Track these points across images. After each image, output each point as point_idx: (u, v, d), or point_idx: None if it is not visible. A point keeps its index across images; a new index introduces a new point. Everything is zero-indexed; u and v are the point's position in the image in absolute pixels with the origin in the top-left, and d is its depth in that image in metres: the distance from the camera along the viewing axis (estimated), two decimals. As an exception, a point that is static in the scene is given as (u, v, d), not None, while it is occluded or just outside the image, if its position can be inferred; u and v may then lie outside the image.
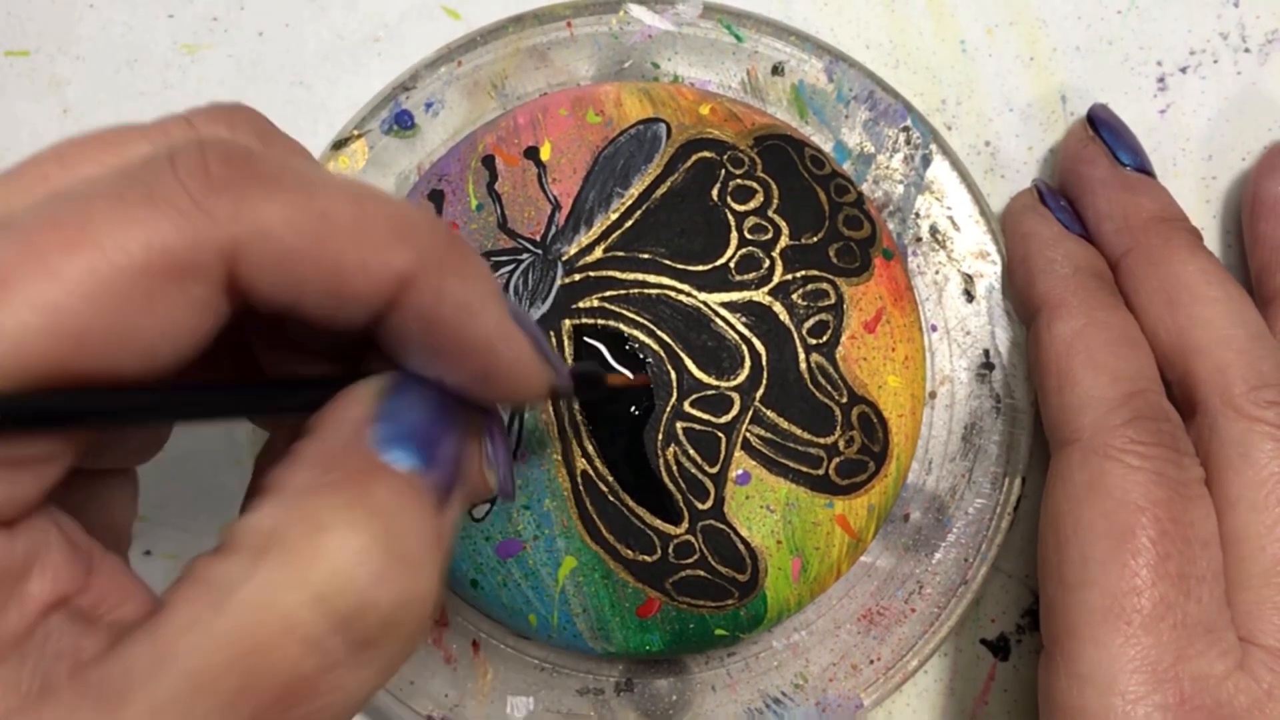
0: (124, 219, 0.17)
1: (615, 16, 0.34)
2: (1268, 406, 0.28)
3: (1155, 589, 0.26)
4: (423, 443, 0.20)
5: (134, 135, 0.20)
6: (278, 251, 0.18)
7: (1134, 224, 0.31)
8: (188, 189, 0.17)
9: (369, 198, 0.19)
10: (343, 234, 0.18)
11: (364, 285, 0.19)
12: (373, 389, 0.20)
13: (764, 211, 0.31)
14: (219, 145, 0.18)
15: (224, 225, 0.17)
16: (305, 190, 0.18)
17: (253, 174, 0.18)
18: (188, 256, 0.17)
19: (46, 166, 0.19)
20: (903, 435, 0.30)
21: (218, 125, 0.20)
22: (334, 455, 0.19)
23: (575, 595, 0.29)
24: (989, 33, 0.35)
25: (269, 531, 0.18)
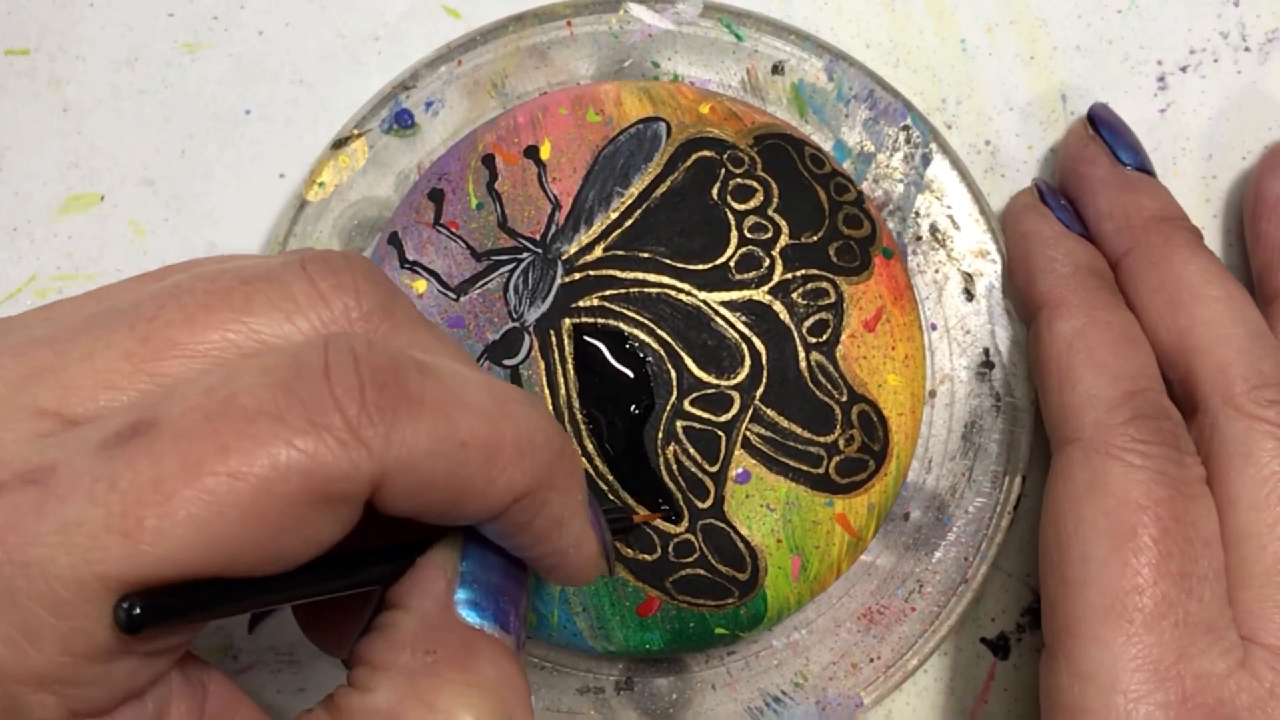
0: (285, 446, 0.17)
1: (615, 15, 0.34)
2: (1268, 405, 0.28)
3: (1157, 588, 0.26)
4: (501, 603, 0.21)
5: (258, 300, 0.20)
6: (418, 481, 0.18)
7: (1134, 223, 0.31)
8: (345, 414, 0.18)
9: (500, 415, 0.19)
10: (476, 461, 0.19)
11: (482, 506, 0.20)
12: (450, 554, 0.21)
13: (764, 210, 0.31)
14: (370, 360, 0.18)
15: (377, 458, 0.18)
16: (448, 416, 0.19)
17: (403, 399, 0.18)
18: (344, 487, 0.18)
19: (174, 331, 0.19)
20: (903, 434, 0.30)
21: (344, 296, 0.20)
22: (432, 630, 0.20)
23: (575, 594, 0.29)
24: (989, 32, 0.35)
25: (387, 712, 0.19)
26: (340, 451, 0.17)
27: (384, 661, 0.19)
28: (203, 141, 0.34)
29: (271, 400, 0.18)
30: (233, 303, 0.19)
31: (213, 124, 0.35)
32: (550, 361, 0.30)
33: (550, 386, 0.30)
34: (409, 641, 0.20)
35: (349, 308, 0.20)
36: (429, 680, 0.19)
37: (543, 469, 0.20)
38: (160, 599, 0.17)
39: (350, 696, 0.19)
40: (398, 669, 0.19)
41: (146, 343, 0.19)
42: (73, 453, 0.17)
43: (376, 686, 0.19)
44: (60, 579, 0.16)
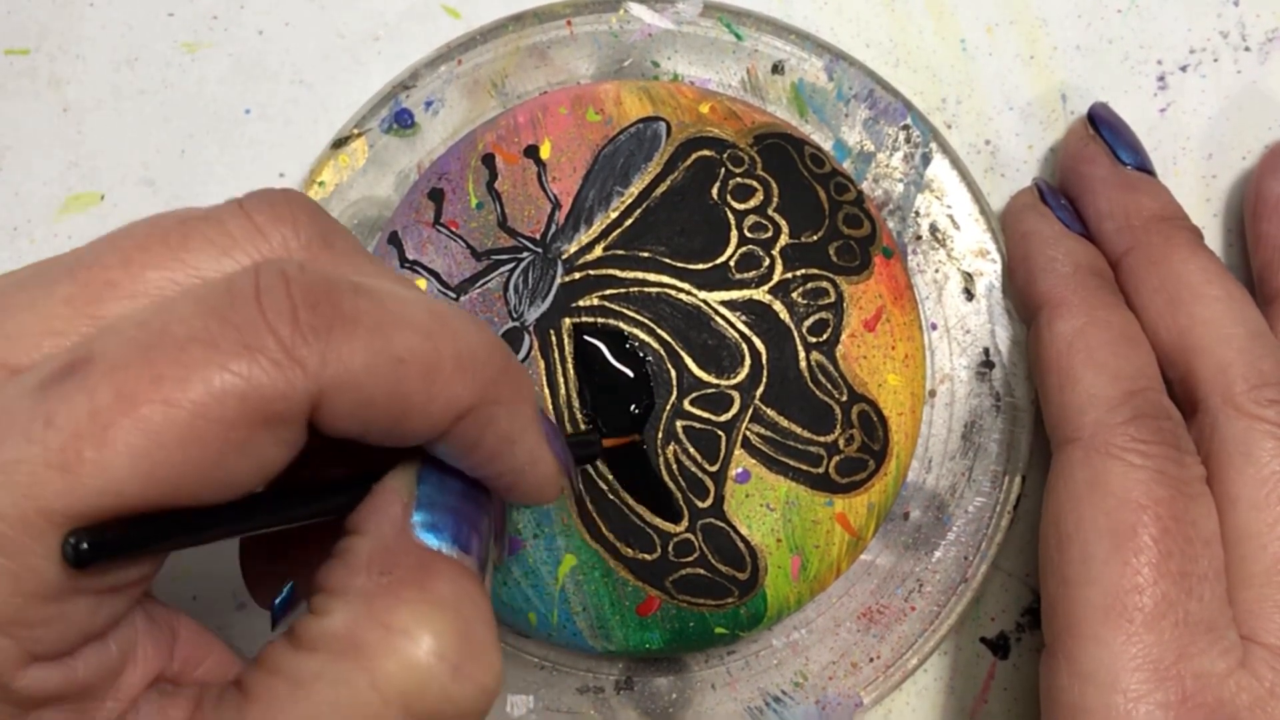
0: (219, 370, 0.17)
1: (615, 15, 0.34)
2: (1268, 405, 0.28)
3: (1157, 587, 0.26)
4: (460, 525, 0.21)
5: (195, 236, 0.20)
6: (357, 398, 0.18)
7: (1135, 223, 0.31)
8: (278, 335, 0.18)
9: (439, 331, 0.20)
10: (415, 377, 0.19)
11: (425, 422, 0.20)
12: (406, 480, 0.21)
13: (764, 210, 0.31)
14: (303, 281, 0.18)
15: (313, 376, 0.18)
16: (383, 332, 0.19)
17: (337, 317, 0.18)
18: (281, 407, 0.18)
19: (112, 273, 0.19)
20: (903, 433, 0.30)
21: (282, 226, 0.20)
22: (389, 552, 0.20)
23: (575, 593, 0.29)
24: (989, 31, 0.35)
25: (345, 634, 0.19)
26: (275, 372, 0.17)
27: (341, 586, 0.19)
28: (203, 141, 0.34)
29: (203, 327, 0.18)
30: (169, 242, 0.20)
31: (213, 124, 0.35)
32: (550, 361, 0.30)
33: (550, 386, 0.30)
34: (365, 564, 0.20)
35: (286, 239, 0.20)
36: (385, 600, 0.19)
37: (486, 384, 0.20)
38: (108, 532, 0.17)
39: (309, 622, 0.19)
40: (354, 592, 0.19)
41: (86, 287, 0.19)
42: (10, 396, 0.18)
43: (334, 610, 0.19)
44: (4, 517, 0.17)
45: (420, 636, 0.19)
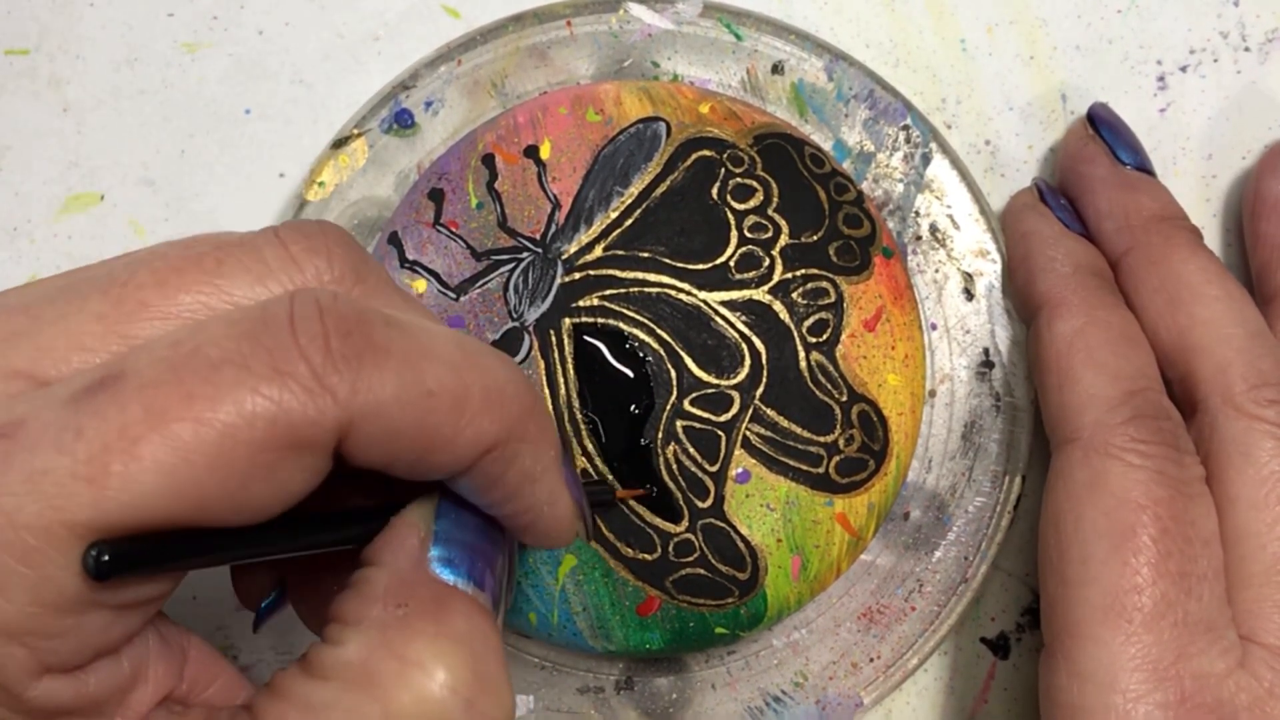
0: (250, 392, 0.17)
1: (615, 15, 0.34)
2: (1268, 405, 0.28)
3: (1156, 587, 0.26)
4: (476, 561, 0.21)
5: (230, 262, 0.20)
6: (385, 429, 0.19)
7: (1134, 223, 0.31)
8: (310, 363, 0.18)
9: (468, 365, 0.20)
10: (443, 410, 0.19)
11: (451, 457, 0.20)
12: (424, 513, 0.21)
13: (764, 210, 0.31)
14: (335, 310, 0.19)
15: (343, 404, 0.18)
16: (414, 365, 0.19)
17: (368, 347, 0.18)
18: (310, 433, 0.18)
19: (146, 293, 0.19)
20: (903, 433, 0.30)
21: (316, 259, 0.21)
22: (405, 585, 0.20)
23: (575, 593, 0.29)
24: (989, 31, 0.35)
25: (359, 664, 0.19)
26: (306, 398, 0.18)
27: (356, 616, 0.19)
28: (203, 141, 0.35)
29: (237, 350, 0.18)
30: (205, 266, 0.20)
31: (213, 124, 0.35)
32: (550, 361, 0.30)
33: (550, 386, 0.30)
34: (381, 596, 0.20)
35: (320, 270, 0.21)
36: (400, 632, 0.19)
37: (512, 421, 0.20)
38: (129, 546, 0.17)
39: (323, 651, 0.19)
40: (369, 622, 0.19)
41: (119, 305, 0.19)
42: (41, 407, 0.18)
43: (348, 640, 0.19)
44: (28, 527, 0.17)
45: (435, 670, 0.19)
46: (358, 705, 0.18)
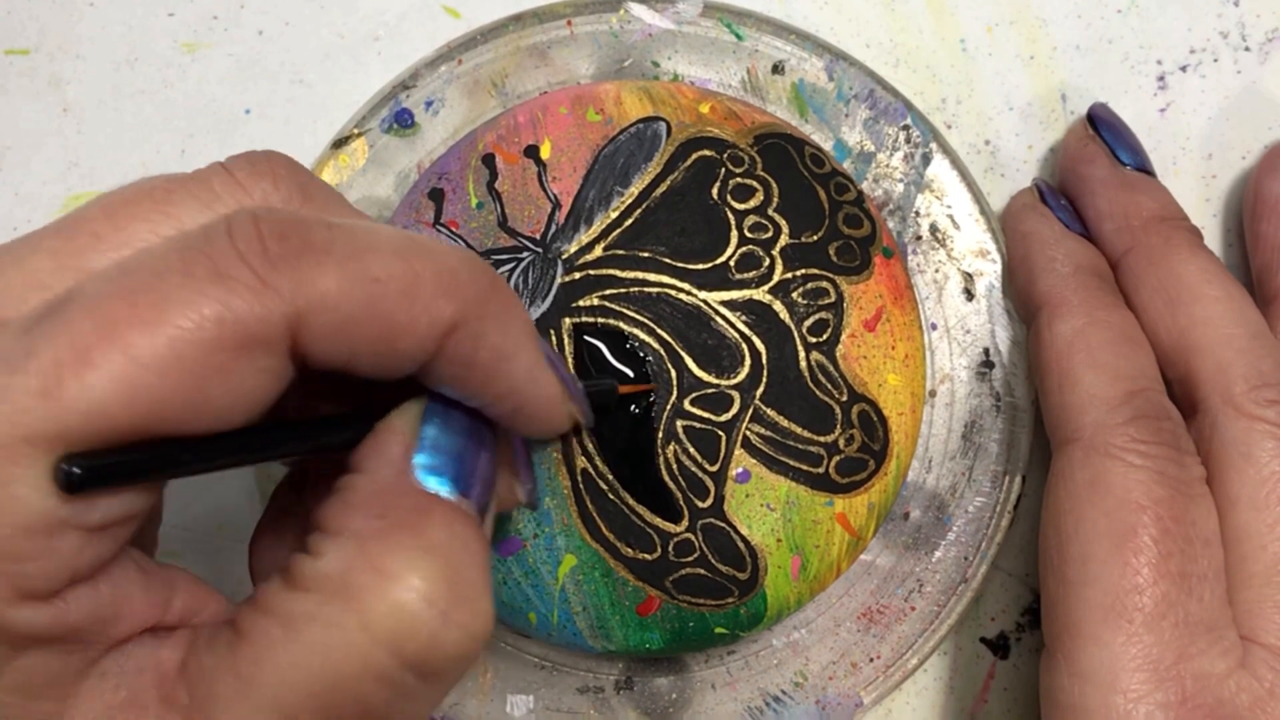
0: (195, 295, 0.18)
1: (615, 15, 0.34)
2: (1268, 405, 0.28)
3: (1157, 587, 0.26)
4: (462, 468, 0.21)
5: (178, 191, 0.20)
6: (336, 319, 0.19)
7: (1134, 223, 0.31)
8: (250, 264, 0.18)
9: (415, 253, 0.20)
10: (394, 295, 0.19)
11: (412, 341, 0.20)
12: (410, 418, 0.21)
13: (764, 210, 0.31)
14: (272, 218, 0.19)
15: (288, 299, 0.18)
16: (357, 256, 0.19)
17: (306, 246, 0.19)
18: (257, 330, 0.18)
19: (97, 225, 0.20)
20: (903, 433, 0.30)
21: (261, 181, 0.21)
22: (386, 494, 0.20)
23: (575, 593, 0.29)
24: (989, 31, 0.35)
25: (338, 575, 0.19)
26: (250, 297, 0.18)
27: (337, 526, 0.20)
28: (203, 141, 0.34)
29: (180, 261, 0.18)
30: (154, 196, 0.20)
31: (213, 124, 0.35)
32: (550, 361, 0.30)
33: (550, 386, 0.30)
34: (361, 505, 0.20)
35: (266, 192, 0.21)
36: (378, 543, 0.19)
37: (470, 300, 0.20)
38: (99, 459, 0.17)
39: (303, 562, 0.19)
40: (349, 533, 0.19)
41: (71, 239, 0.20)
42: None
43: (328, 551, 0.19)
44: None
45: (410, 581, 0.19)
46: (336, 617, 0.18)
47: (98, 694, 0.19)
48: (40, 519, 0.17)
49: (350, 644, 0.18)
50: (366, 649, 0.18)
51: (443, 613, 0.19)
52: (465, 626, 0.19)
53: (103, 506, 0.18)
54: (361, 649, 0.18)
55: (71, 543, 0.18)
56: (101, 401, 0.17)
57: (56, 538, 0.18)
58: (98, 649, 0.19)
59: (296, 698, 0.18)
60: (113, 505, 0.18)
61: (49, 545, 0.18)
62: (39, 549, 0.18)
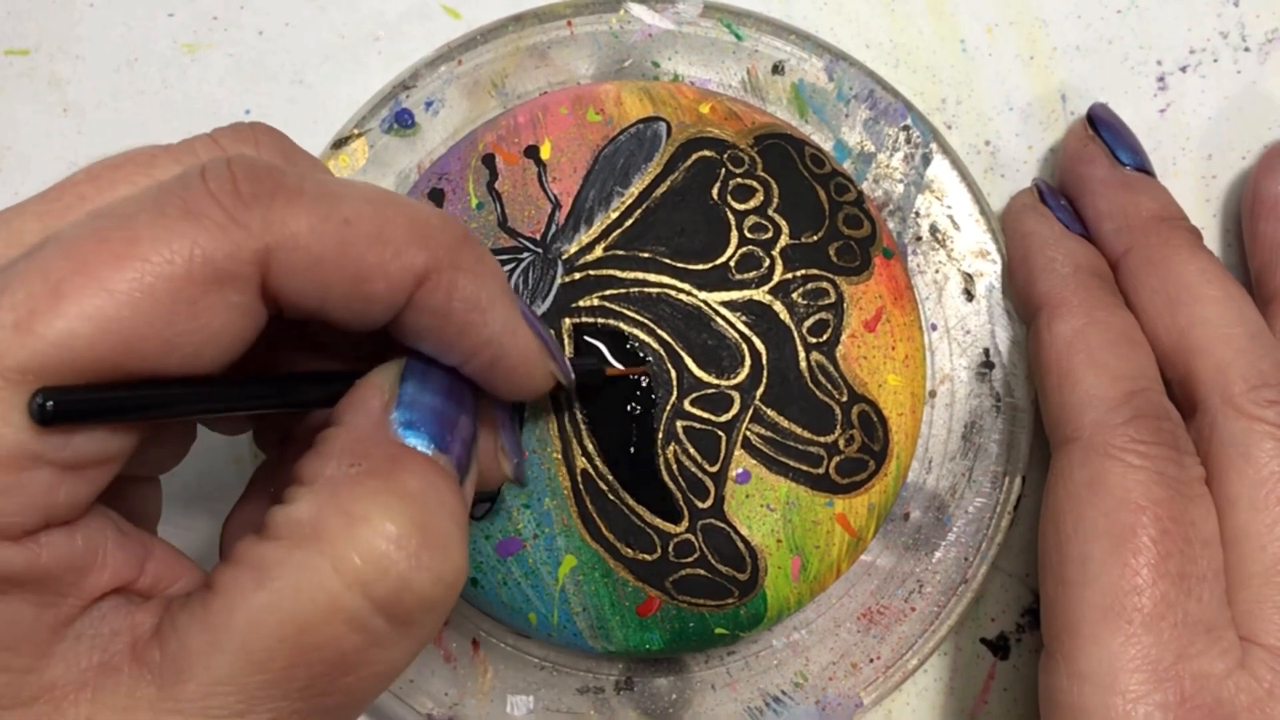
0: (165, 231, 0.18)
1: (615, 15, 0.34)
2: (1268, 405, 0.28)
3: (1156, 588, 0.26)
4: (440, 425, 0.21)
5: (163, 156, 0.21)
6: (306, 258, 0.19)
7: (1134, 223, 0.31)
8: (221, 203, 0.18)
9: (388, 202, 0.20)
10: (364, 238, 0.20)
11: (384, 285, 0.20)
12: (389, 376, 0.22)
13: (764, 210, 0.31)
14: (245, 162, 0.19)
15: (257, 235, 0.19)
16: (328, 199, 0.19)
17: (279, 187, 0.19)
18: (226, 265, 0.18)
19: (82, 187, 0.20)
20: (903, 434, 0.30)
21: (243, 144, 0.22)
22: (361, 444, 0.20)
23: (575, 594, 0.29)
24: (989, 32, 0.35)
25: (309, 521, 0.19)
26: (219, 233, 0.18)
27: (311, 475, 0.20)
28: (203, 141, 0.34)
29: (152, 202, 0.18)
30: (138, 160, 0.21)
31: (213, 124, 0.34)
32: (550, 361, 0.30)
33: (550, 386, 0.30)
34: (336, 454, 0.20)
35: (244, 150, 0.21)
36: (350, 489, 0.19)
37: (442, 249, 0.20)
38: (74, 394, 0.18)
39: (276, 512, 0.20)
40: (323, 480, 0.20)
41: (56, 201, 0.20)
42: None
43: (300, 498, 0.19)
44: None
45: (380, 523, 0.19)
46: (306, 561, 0.19)
47: (73, 655, 0.19)
48: (12, 452, 0.17)
49: (320, 586, 0.18)
50: (337, 590, 0.19)
51: (413, 555, 0.19)
52: (435, 571, 0.19)
53: (76, 444, 0.18)
54: (332, 591, 0.19)
55: (44, 479, 0.18)
56: (73, 333, 0.17)
57: (29, 472, 0.18)
58: (72, 605, 0.19)
59: (267, 643, 0.18)
60: (86, 443, 0.18)
61: (21, 480, 0.18)
62: (11, 483, 0.18)
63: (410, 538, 0.19)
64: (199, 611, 0.19)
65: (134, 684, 0.19)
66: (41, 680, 0.19)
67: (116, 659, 0.19)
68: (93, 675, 0.19)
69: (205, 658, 0.19)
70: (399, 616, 0.19)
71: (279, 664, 0.19)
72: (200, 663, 0.18)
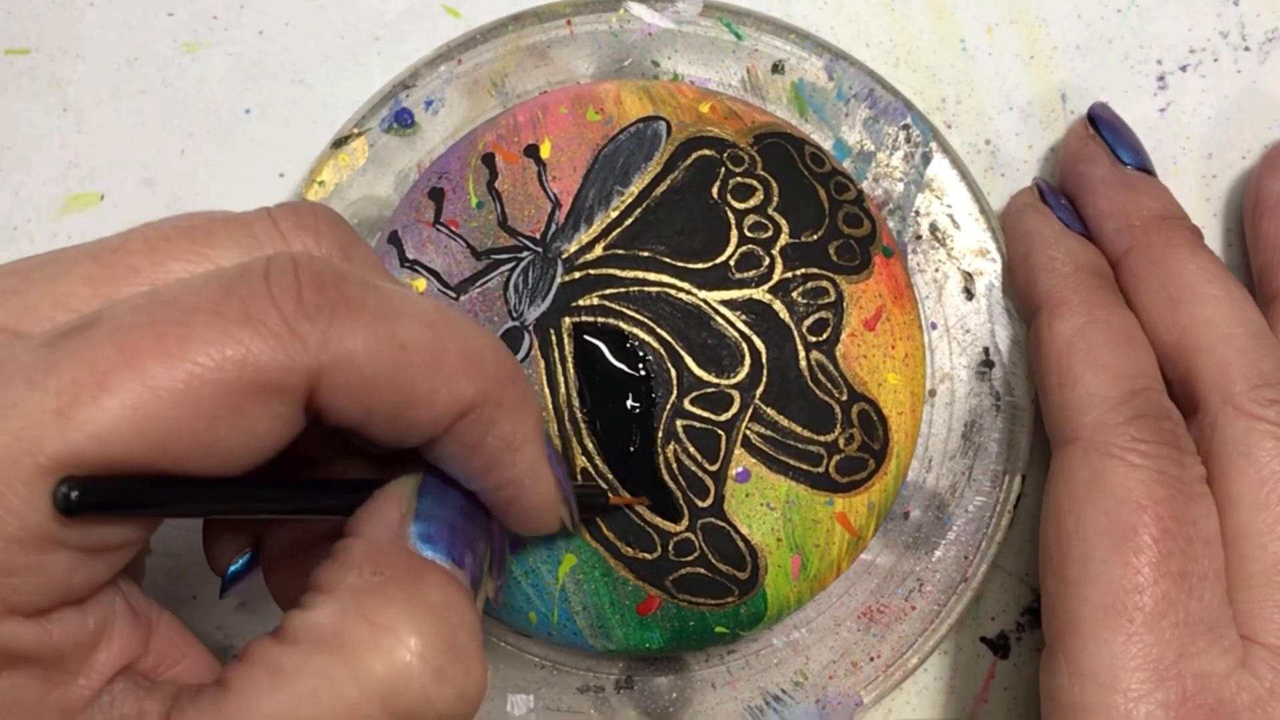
0: (221, 335, 0.18)
1: (615, 14, 0.34)
2: (1268, 405, 0.28)
3: (1157, 587, 0.26)
4: (456, 540, 0.21)
5: (220, 234, 0.20)
6: (358, 379, 0.19)
7: (1135, 223, 0.31)
8: (281, 311, 0.18)
9: (444, 326, 0.20)
10: (418, 366, 0.19)
11: (428, 414, 0.20)
12: (407, 489, 0.21)
13: (764, 209, 0.31)
14: (311, 267, 0.19)
15: (313, 352, 0.18)
16: (388, 320, 0.19)
17: (341, 300, 0.19)
18: (277, 378, 0.18)
19: (136, 259, 0.20)
20: (903, 433, 0.30)
21: (304, 235, 0.21)
22: (382, 554, 0.20)
23: (575, 593, 0.29)
24: (989, 31, 0.35)
25: (331, 628, 0.19)
26: (275, 343, 0.18)
27: (331, 583, 0.20)
28: (203, 141, 0.35)
29: (211, 297, 0.18)
30: (195, 236, 0.20)
31: (213, 124, 0.35)
32: (550, 360, 0.30)
33: (550, 385, 0.30)
34: (357, 563, 0.20)
35: (308, 246, 0.21)
36: (374, 598, 0.19)
37: (490, 383, 0.20)
38: (100, 484, 0.17)
39: (295, 617, 0.19)
40: (344, 589, 0.19)
41: (109, 269, 0.20)
42: (18, 350, 0.18)
43: (321, 605, 0.19)
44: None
45: (406, 636, 0.19)
46: (327, 668, 0.18)
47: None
48: (34, 535, 0.17)
49: (340, 696, 0.18)
50: (357, 702, 0.18)
51: (437, 670, 0.19)
52: (458, 686, 0.19)
53: (98, 531, 0.18)
54: (352, 702, 0.18)
55: (64, 562, 0.18)
56: (114, 428, 0.17)
57: (49, 555, 0.18)
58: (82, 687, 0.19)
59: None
60: (108, 531, 0.18)
61: (41, 561, 0.18)
62: (30, 564, 0.17)
63: (435, 652, 0.19)
64: (210, 709, 0.19)
65: None
66: None
67: None
68: None
69: None
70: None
71: None
72: None
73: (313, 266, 0.19)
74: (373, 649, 0.18)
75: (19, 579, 0.17)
